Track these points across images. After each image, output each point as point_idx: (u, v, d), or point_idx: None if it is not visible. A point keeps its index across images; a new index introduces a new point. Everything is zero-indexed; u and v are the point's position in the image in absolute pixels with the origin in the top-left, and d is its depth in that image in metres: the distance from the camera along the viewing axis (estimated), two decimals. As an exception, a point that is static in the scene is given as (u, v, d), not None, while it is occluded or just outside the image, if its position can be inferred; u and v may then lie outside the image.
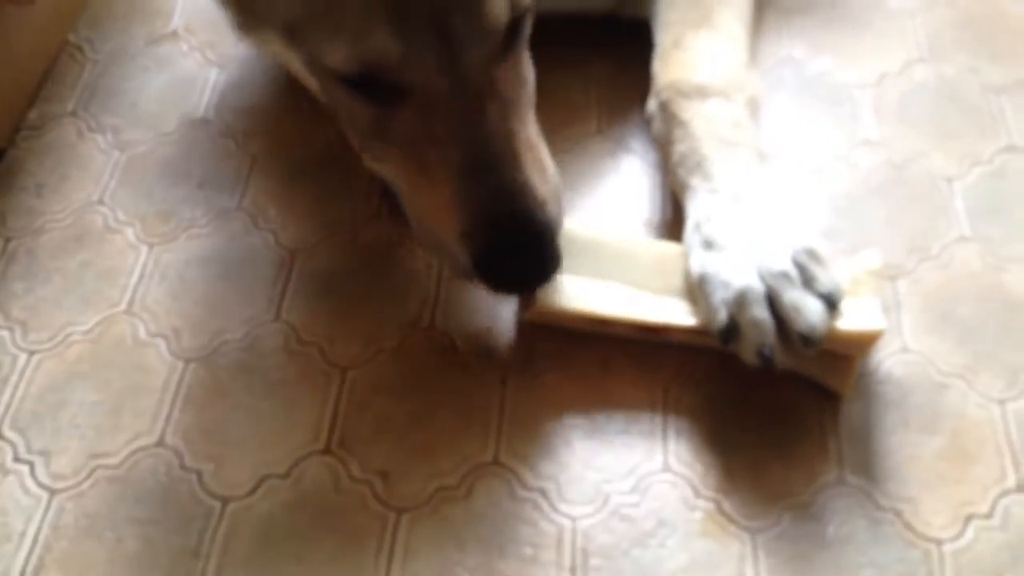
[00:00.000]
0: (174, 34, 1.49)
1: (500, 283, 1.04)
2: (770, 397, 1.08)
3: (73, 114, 1.40)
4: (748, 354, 1.03)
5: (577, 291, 1.09)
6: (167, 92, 1.42)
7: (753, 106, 1.20)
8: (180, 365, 1.15)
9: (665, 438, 1.07)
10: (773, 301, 1.02)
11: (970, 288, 1.16)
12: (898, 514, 1.01)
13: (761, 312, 1.02)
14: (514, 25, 1.00)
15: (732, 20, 1.27)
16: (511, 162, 1.00)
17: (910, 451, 1.05)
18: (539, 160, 1.04)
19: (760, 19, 1.32)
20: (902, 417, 1.07)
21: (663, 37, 1.27)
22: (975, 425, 1.07)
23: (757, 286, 1.02)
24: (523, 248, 1.01)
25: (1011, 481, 1.03)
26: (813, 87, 1.36)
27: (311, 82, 1.09)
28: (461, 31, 0.95)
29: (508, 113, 1.01)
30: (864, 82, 1.37)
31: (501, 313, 1.16)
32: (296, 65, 1.09)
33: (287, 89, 1.39)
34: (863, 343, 1.04)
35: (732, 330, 1.03)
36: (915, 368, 1.10)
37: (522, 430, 1.08)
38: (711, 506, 1.02)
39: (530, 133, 1.04)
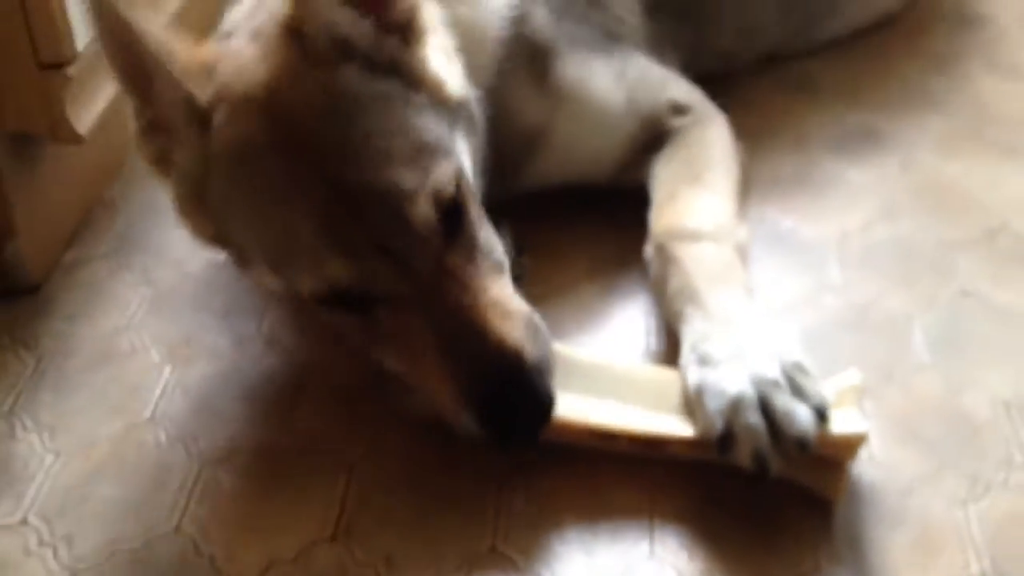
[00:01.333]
0: (201, 192, 1.63)
1: (505, 435, 1.13)
2: (753, 498, 1.16)
3: (105, 257, 1.52)
4: (744, 459, 1.11)
5: (579, 408, 1.18)
6: (189, 242, 1.54)
7: (741, 251, 1.33)
8: (196, 467, 1.22)
9: (652, 535, 1.14)
10: (765, 408, 1.11)
11: (931, 408, 1.26)
12: (872, 595, 1.08)
13: (755, 417, 1.11)
14: (449, 218, 1.13)
15: (721, 179, 1.43)
16: (479, 331, 1.11)
17: (882, 544, 1.12)
18: (510, 314, 1.15)
19: (747, 182, 1.47)
20: (875, 515, 1.15)
21: (659, 193, 1.42)
22: (940, 523, 1.14)
23: (750, 393, 1.12)
24: (513, 397, 1.11)
25: (975, 569, 1.10)
26: (783, 242, 1.51)
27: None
28: (400, 243, 1.10)
29: (466, 289, 1.13)
30: (828, 238, 1.51)
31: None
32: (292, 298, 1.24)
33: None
34: (850, 446, 1.13)
35: (728, 438, 1.11)
36: (884, 474, 1.19)
37: (518, 524, 1.15)
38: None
39: (498, 294, 1.15)
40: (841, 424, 1.13)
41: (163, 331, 1.40)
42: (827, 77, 1.86)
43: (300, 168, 1.09)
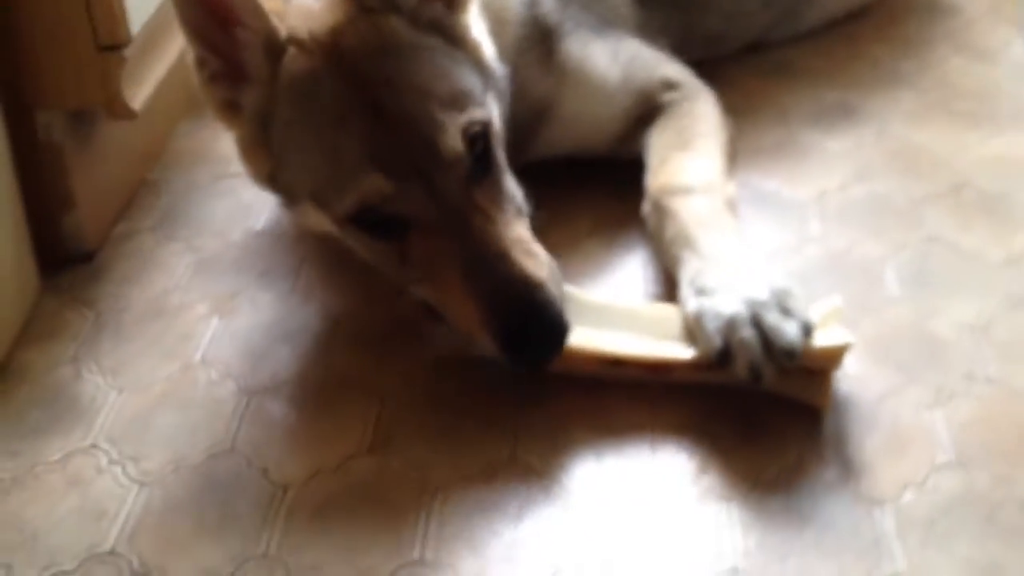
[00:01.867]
0: (236, 173, 1.78)
1: (523, 357, 1.27)
2: (743, 411, 1.30)
3: (152, 229, 1.67)
4: (742, 370, 1.25)
5: (590, 338, 1.32)
6: (231, 213, 1.70)
7: (730, 204, 1.48)
8: (245, 398, 1.37)
9: (652, 438, 1.28)
10: (758, 324, 1.26)
11: (901, 333, 1.41)
12: (848, 481, 1.22)
13: (749, 333, 1.25)
14: (478, 159, 1.29)
15: (710, 145, 1.59)
16: (503, 259, 1.26)
17: (858, 443, 1.26)
18: (532, 254, 1.30)
19: (734, 150, 1.63)
20: (850, 421, 1.29)
21: (653, 159, 1.58)
22: (910, 424, 1.29)
23: (744, 312, 1.26)
24: (533, 320, 1.25)
25: (941, 460, 1.24)
26: (767, 201, 1.66)
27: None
28: (431, 165, 1.26)
29: (492, 222, 1.28)
30: (808, 197, 1.67)
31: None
32: (332, 233, 1.37)
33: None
34: (835, 356, 1.27)
35: (727, 353, 1.26)
36: (858, 387, 1.33)
37: (534, 436, 1.29)
38: (697, 486, 1.23)
39: (519, 234, 1.31)
40: (826, 338, 1.27)
41: (208, 290, 1.54)
42: (805, 61, 2.02)
43: (352, 96, 1.26)
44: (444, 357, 1.40)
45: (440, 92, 1.29)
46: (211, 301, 1.52)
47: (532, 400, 1.34)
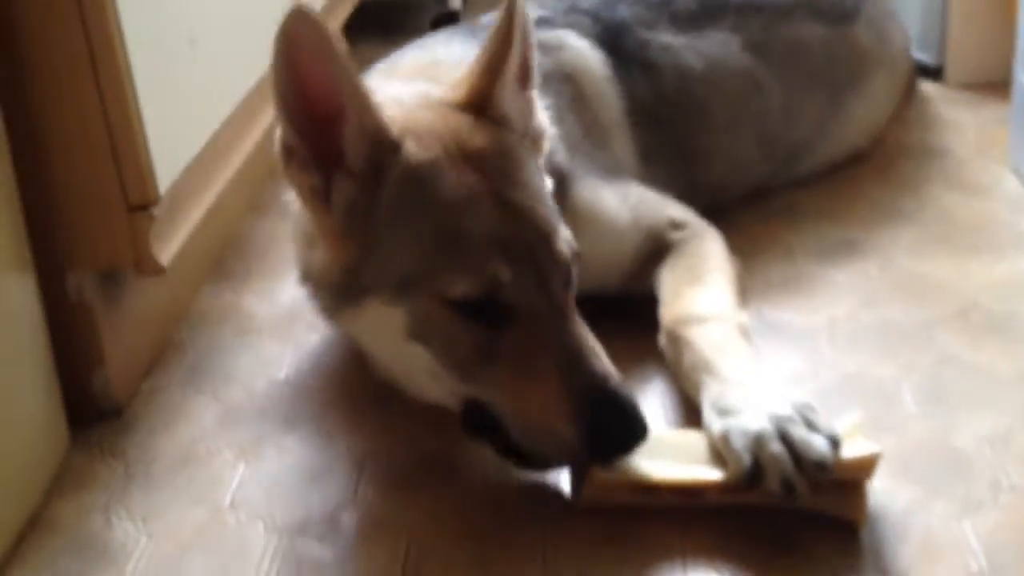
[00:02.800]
0: (259, 329, 1.84)
1: (610, 451, 1.30)
2: (775, 531, 1.30)
3: (179, 384, 1.71)
4: (773, 485, 1.27)
5: (623, 468, 1.33)
6: (254, 366, 1.74)
7: (744, 331, 1.52)
8: (275, 538, 1.37)
9: (684, 560, 1.29)
10: (785, 439, 1.28)
11: (923, 449, 1.42)
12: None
13: (778, 447, 1.27)
14: (570, 264, 1.38)
15: (720, 278, 1.64)
16: (596, 356, 1.33)
17: (890, 556, 1.26)
18: (605, 356, 1.35)
19: (743, 286, 1.67)
20: (880, 535, 1.29)
21: (665, 294, 1.63)
22: (940, 535, 1.29)
23: (770, 428, 1.29)
24: (623, 418, 1.30)
25: (974, 568, 1.24)
26: (778, 331, 1.70)
27: (396, 351, 1.41)
28: (546, 262, 1.34)
29: (581, 324, 1.36)
30: (818, 325, 1.70)
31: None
32: (382, 335, 1.41)
33: (351, 349, 1.71)
34: (867, 465, 1.28)
35: (757, 470, 1.28)
36: (884, 502, 1.34)
37: (562, 559, 1.30)
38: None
39: (593, 338, 1.37)
40: (853, 450, 1.29)
41: (235, 438, 1.57)
42: (807, 203, 2.10)
43: (477, 187, 1.33)
44: (472, 490, 1.41)
45: (549, 203, 1.41)
46: (238, 448, 1.54)
47: (561, 529, 1.34)
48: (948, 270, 1.84)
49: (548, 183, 1.48)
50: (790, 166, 2.15)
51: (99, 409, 1.61)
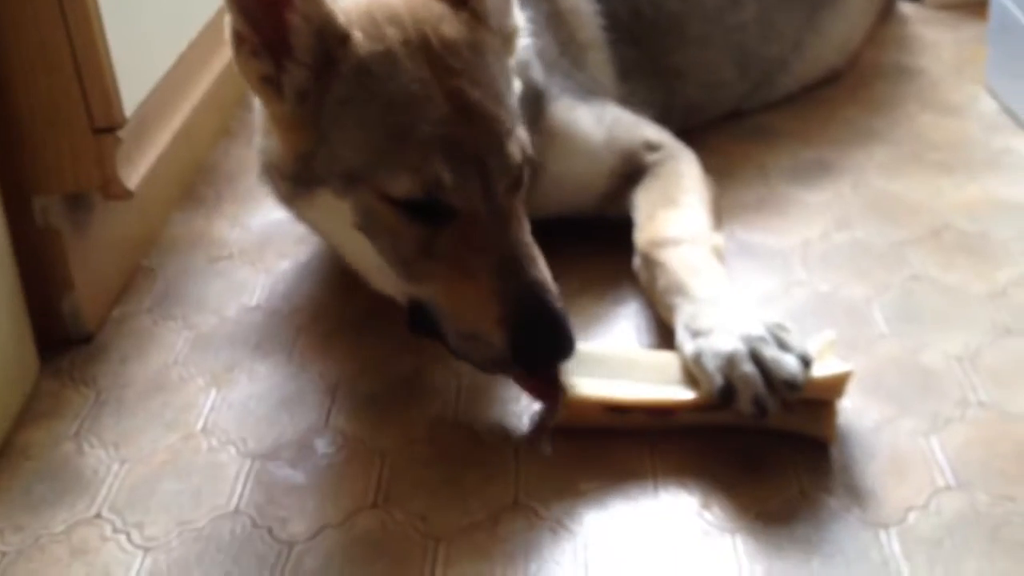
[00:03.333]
0: (230, 255, 1.82)
1: (534, 360, 1.31)
2: (743, 448, 1.31)
3: (149, 310, 1.70)
4: (745, 405, 1.27)
5: (596, 389, 1.34)
6: (225, 292, 1.73)
7: (717, 252, 1.52)
8: (248, 462, 1.37)
9: (655, 477, 1.30)
10: (757, 359, 1.28)
11: (892, 367, 1.43)
12: (851, 508, 1.22)
13: (749, 367, 1.28)
14: (522, 168, 1.36)
15: (694, 200, 1.64)
16: (533, 264, 1.33)
17: (858, 470, 1.28)
18: (545, 267, 1.35)
19: (717, 206, 1.67)
20: (848, 450, 1.30)
21: (640, 216, 1.62)
22: (908, 451, 1.30)
23: (742, 348, 1.29)
24: (551, 326, 1.30)
25: (941, 483, 1.25)
26: (751, 252, 1.69)
27: (348, 241, 1.41)
28: (493, 166, 1.32)
29: (524, 231, 1.35)
30: (791, 246, 1.70)
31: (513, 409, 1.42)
32: (334, 225, 1.41)
33: (323, 274, 1.71)
34: (838, 384, 1.29)
35: (729, 390, 1.28)
36: (854, 419, 1.35)
37: (537, 482, 1.30)
38: (701, 520, 1.24)
39: (535, 247, 1.36)
40: (825, 369, 1.29)
41: (206, 364, 1.56)
42: (781, 124, 2.09)
43: (432, 81, 1.31)
44: (444, 413, 1.42)
45: (510, 103, 1.38)
46: (209, 374, 1.54)
47: (532, 449, 1.35)
48: (921, 190, 1.83)
49: (516, 85, 1.45)
50: (765, 87, 2.13)
51: (69, 335, 1.60)
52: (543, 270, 1.33)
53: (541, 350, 1.30)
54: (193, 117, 1.85)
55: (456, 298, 1.33)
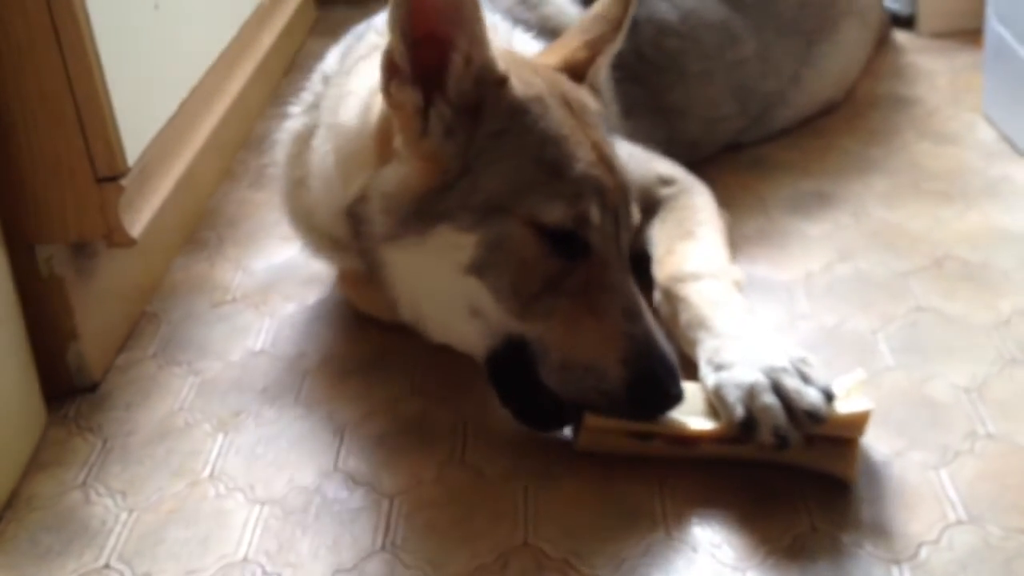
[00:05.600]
0: (234, 299, 1.83)
1: (647, 404, 1.33)
2: (752, 481, 1.31)
3: (154, 357, 1.70)
4: (766, 436, 1.27)
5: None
6: (229, 336, 1.73)
7: (738, 287, 1.53)
8: (256, 508, 1.37)
9: (665, 515, 1.29)
10: (778, 390, 1.29)
11: (900, 399, 1.43)
12: (863, 544, 1.22)
13: (770, 398, 1.28)
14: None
15: (710, 233, 1.65)
16: (649, 315, 1.36)
17: (869, 504, 1.27)
18: None
19: (732, 240, 1.67)
20: (858, 485, 1.30)
21: (658, 250, 1.63)
22: (918, 484, 1.30)
23: (763, 380, 1.30)
24: (669, 377, 1.32)
25: (952, 518, 1.25)
26: (755, 284, 1.69)
27: (438, 289, 1.41)
28: (623, 218, 1.38)
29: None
30: (795, 278, 1.71)
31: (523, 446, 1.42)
32: (435, 268, 1.38)
33: (328, 317, 1.71)
34: (858, 423, 1.28)
35: (750, 421, 1.28)
36: (863, 452, 1.34)
37: (544, 521, 1.30)
38: (713, 560, 1.23)
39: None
40: (848, 406, 1.29)
41: (212, 409, 1.56)
42: (779, 156, 2.10)
43: (579, 124, 1.37)
44: (453, 455, 1.42)
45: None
46: (216, 419, 1.53)
47: (540, 487, 1.34)
48: (921, 219, 1.84)
49: None
50: (764, 120, 2.14)
51: (74, 384, 1.60)
52: (654, 321, 1.36)
53: (656, 395, 1.32)
54: (195, 161, 1.85)
55: (576, 333, 1.33)
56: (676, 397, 1.32)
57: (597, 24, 1.48)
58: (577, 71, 1.46)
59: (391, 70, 1.32)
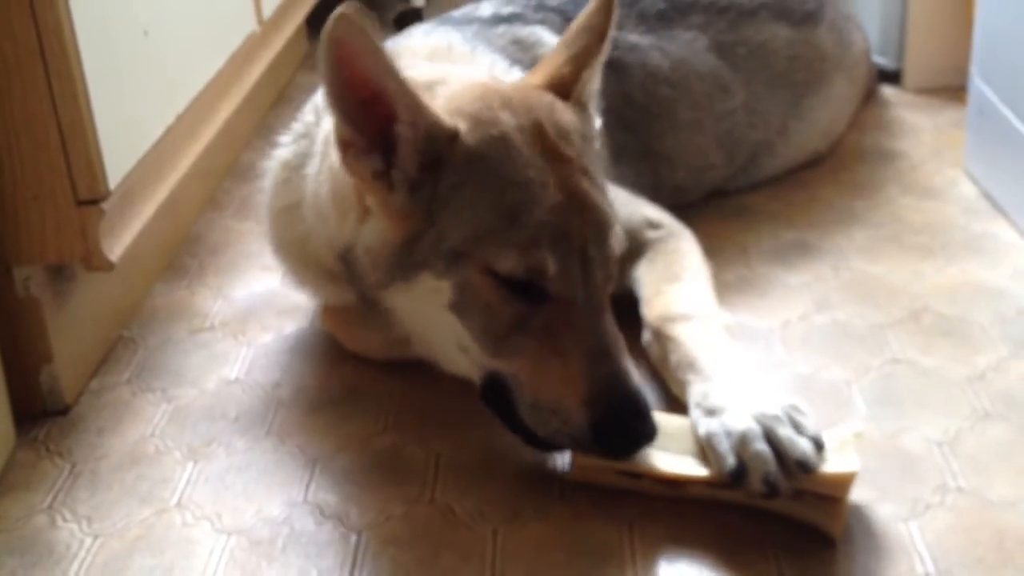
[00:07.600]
0: (212, 327, 1.82)
1: (613, 444, 1.32)
2: (720, 526, 1.31)
3: (128, 382, 1.69)
4: (756, 484, 1.27)
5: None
6: (205, 364, 1.72)
7: (729, 330, 1.53)
8: (223, 538, 1.36)
9: (634, 557, 1.29)
10: (770, 438, 1.29)
11: (871, 450, 1.43)
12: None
13: (762, 446, 1.28)
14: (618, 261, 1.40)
15: (697, 277, 1.65)
16: (621, 353, 1.35)
17: (836, 554, 1.27)
18: (628, 356, 1.36)
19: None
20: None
21: (646, 291, 1.64)
22: (887, 536, 1.30)
23: (755, 427, 1.30)
24: (635, 417, 1.32)
25: (920, 570, 1.24)
26: (732, 331, 1.69)
27: (432, 323, 1.41)
28: (595, 256, 1.35)
29: (611, 318, 1.37)
30: (772, 326, 1.71)
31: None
32: (425, 308, 1.40)
33: (305, 348, 1.70)
34: (843, 482, 1.28)
35: (740, 471, 1.28)
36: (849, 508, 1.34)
37: (512, 559, 1.29)
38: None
39: (621, 337, 1.38)
40: (839, 463, 1.29)
41: (184, 437, 1.55)
42: (763, 205, 2.11)
43: (546, 168, 1.34)
44: (422, 492, 1.41)
45: (610, 194, 1.42)
46: (187, 447, 1.53)
47: (509, 527, 1.34)
48: (900, 273, 1.85)
49: None
50: (750, 169, 2.15)
51: (46, 406, 1.59)
52: (627, 359, 1.35)
53: (621, 436, 1.32)
54: (179, 188, 1.85)
55: (542, 373, 1.33)
56: (646, 436, 1.32)
57: (581, 36, 1.45)
58: (563, 88, 1.44)
59: (344, 147, 1.34)
